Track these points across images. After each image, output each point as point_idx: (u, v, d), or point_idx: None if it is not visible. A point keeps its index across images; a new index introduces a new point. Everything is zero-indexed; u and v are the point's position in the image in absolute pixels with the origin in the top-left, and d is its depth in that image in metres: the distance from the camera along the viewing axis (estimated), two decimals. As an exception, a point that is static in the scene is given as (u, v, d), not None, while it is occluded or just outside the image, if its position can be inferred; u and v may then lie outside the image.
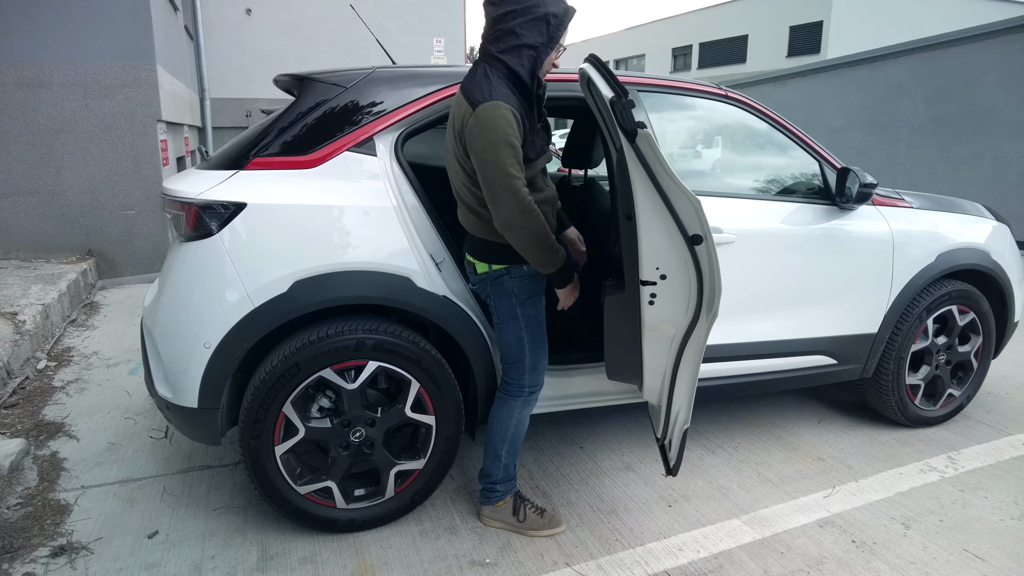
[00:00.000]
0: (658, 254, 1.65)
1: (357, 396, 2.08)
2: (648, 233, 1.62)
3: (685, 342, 1.72)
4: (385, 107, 2.16)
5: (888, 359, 2.86)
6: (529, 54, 1.80)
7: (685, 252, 1.62)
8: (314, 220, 1.99)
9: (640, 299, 1.72)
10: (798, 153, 2.72)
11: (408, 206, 2.11)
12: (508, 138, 1.72)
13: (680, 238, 1.60)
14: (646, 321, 1.73)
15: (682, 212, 1.58)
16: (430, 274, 2.09)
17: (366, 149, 2.11)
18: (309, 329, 2.04)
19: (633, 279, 1.73)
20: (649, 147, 1.55)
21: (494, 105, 1.72)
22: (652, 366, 1.81)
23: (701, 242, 1.58)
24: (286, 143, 2.07)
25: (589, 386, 2.44)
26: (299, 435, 2.05)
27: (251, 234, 1.95)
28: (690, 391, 1.77)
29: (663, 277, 1.67)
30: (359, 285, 2.01)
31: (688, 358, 1.74)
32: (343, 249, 2.00)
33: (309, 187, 2.02)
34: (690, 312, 1.68)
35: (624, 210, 1.68)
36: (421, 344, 2.11)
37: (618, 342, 1.88)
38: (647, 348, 1.78)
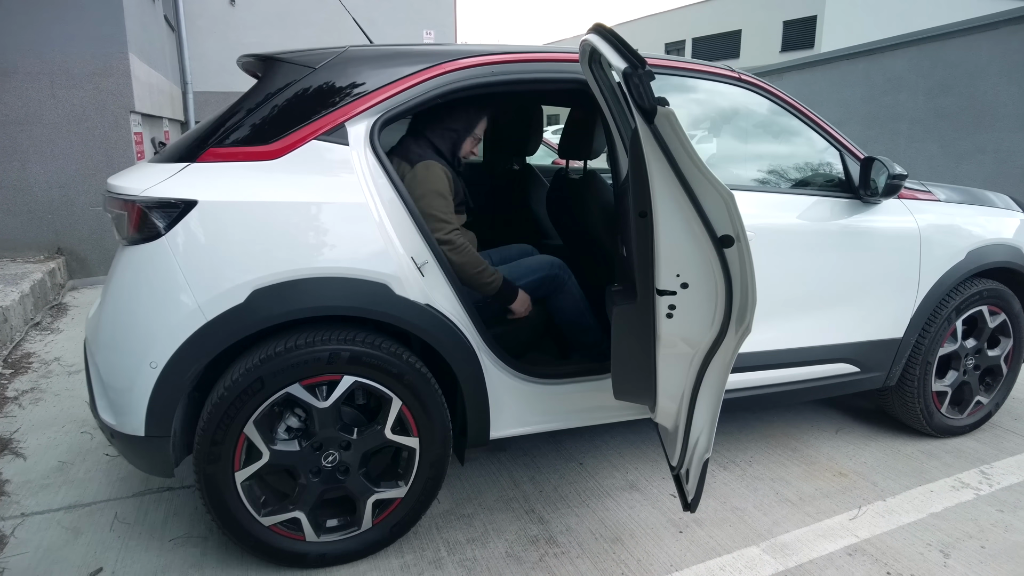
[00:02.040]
0: (679, 258, 1.40)
1: (330, 415, 1.83)
2: (667, 233, 1.38)
3: (708, 360, 1.48)
4: (359, 90, 1.91)
5: (914, 365, 2.63)
6: (451, 137, 2.26)
7: (712, 256, 1.38)
8: (275, 219, 1.73)
9: (655, 311, 1.48)
10: (817, 141, 2.48)
11: (384, 201, 1.86)
12: (442, 191, 2.08)
13: (706, 239, 1.36)
14: (662, 336, 1.49)
15: (710, 207, 1.34)
16: (410, 279, 1.85)
17: (336, 137, 1.85)
18: (275, 339, 1.79)
19: (647, 287, 1.49)
20: (671, 128, 1.30)
21: (431, 164, 2.10)
22: (667, 387, 1.57)
23: (732, 244, 1.34)
24: (245, 132, 1.82)
25: (592, 400, 2.20)
26: (263, 460, 1.80)
27: (203, 236, 1.69)
28: (712, 416, 1.53)
29: (684, 286, 1.43)
30: (328, 294, 1.75)
31: (711, 379, 1.50)
32: (309, 252, 1.75)
33: (270, 181, 1.77)
34: (715, 326, 1.44)
35: (637, 205, 1.44)
36: (404, 356, 1.86)
37: (627, 359, 1.63)
38: (662, 367, 1.54)
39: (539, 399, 2.13)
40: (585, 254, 2.65)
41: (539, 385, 2.12)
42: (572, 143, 2.55)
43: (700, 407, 1.53)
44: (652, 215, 1.38)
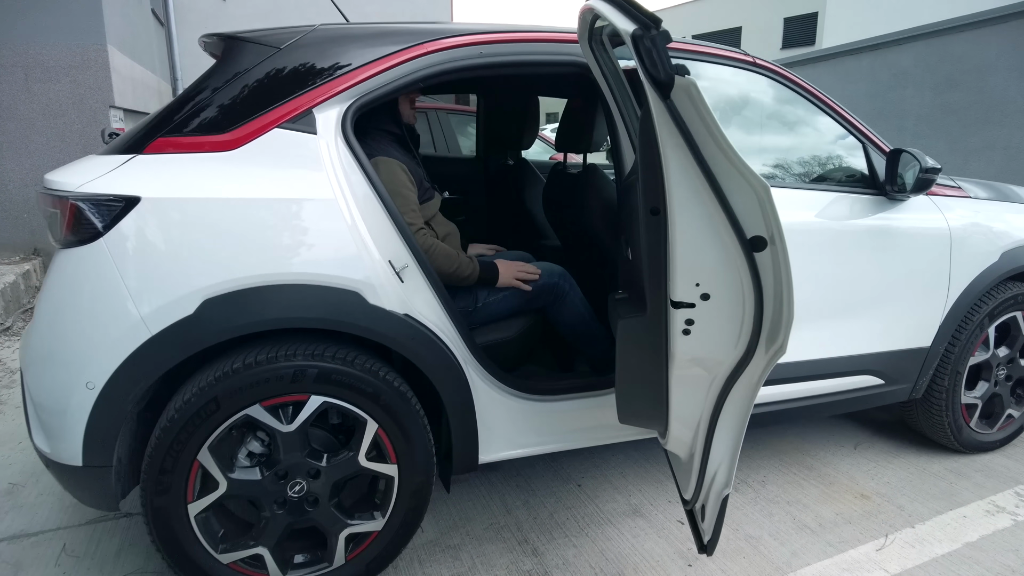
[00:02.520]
0: (699, 265, 1.18)
1: (295, 440, 1.62)
2: (685, 234, 1.16)
3: (730, 384, 1.27)
4: (330, 72, 1.69)
5: (942, 375, 2.42)
6: (384, 109, 1.98)
7: (740, 261, 1.16)
8: (230, 218, 1.52)
9: (668, 326, 1.26)
10: (838, 133, 2.27)
11: (358, 198, 1.64)
12: (398, 189, 1.87)
13: (733, 241, 1.14)
14: (676, 356, 1.27)
15: (739, 203, 1.12)
16: (386, 286, 1.63)
17: (302, 125, 1.64)
18: (232, 355, 1.58)
19: (659, 298, 1.27)
20: (691, 104, 1.09)
21: (382, 161, 1.88)
22: (682, 413, 1.36)
23: (765, 247, 1.13)
24: (199, 120, 1.60)
25: (593, 418, 1.98)
26: (220, 490, 1.59)
27: (146, 238, 1.48)
28: (734, 448, 1.32)
29: (705, 297, 1.21)
30: (290, 304, 1.54)
31: (734, 405, 1.29)
32: (269, 256, 1.53)
33: (225, 175, 1.55)
34: (741, 345, 1.23)
35: (648, 201, 1.22)
36: (380, 373, 1.65)
37: (634, 379, 1.42)
38: (675, 390, 1.33)
39: (534, 418, 1.92)
40: (584, 256, 2.43)
41: (534, 402, 1.91)
42: (570, 134, 2.33)
43: (720, 437, 1.32)
44: (666, 212, 1.16)
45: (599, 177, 2.17)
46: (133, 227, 1.47)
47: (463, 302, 2.02)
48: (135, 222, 1.47)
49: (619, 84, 1.73)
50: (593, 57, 1.72)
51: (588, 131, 2.18)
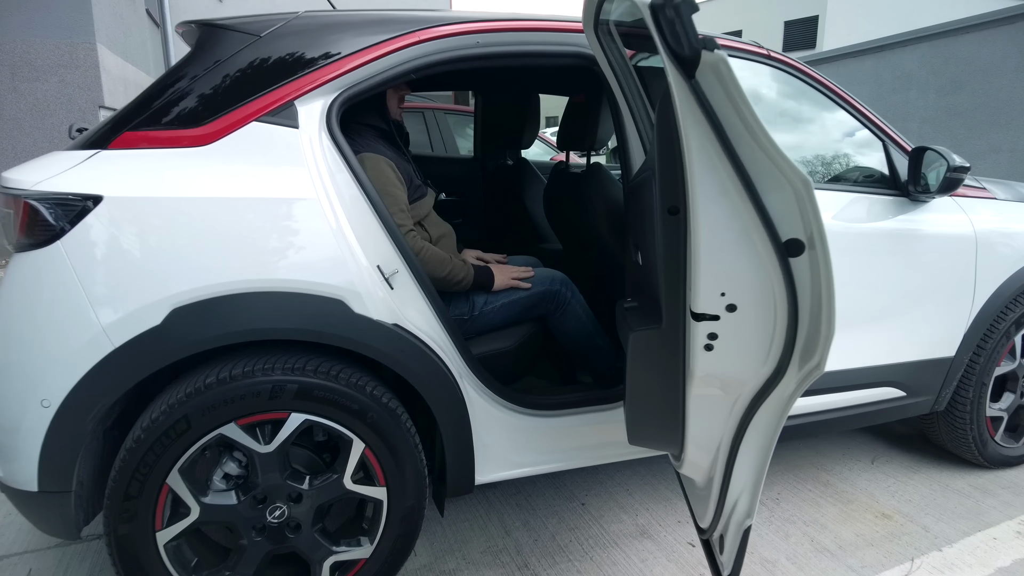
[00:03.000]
0: (725, 271, 1.05)
1: (275, 461, 1.48)
2: (710, 237, 1.02)
3: (756, 404, 1.13)
4: (314, 62, 1.57)
5: (966, 387, 2.29)
6: (371, 103, 1.84)
7: (773, 268, 1.02)
8: (202, 219, 1.38)
9: (688, 341, 1.12)
10: (857, 130, 2.14)
11: (343, 197, 1.51)
12: (385, 187, 1.73)
13: (766, 245, 1.01)
14: (696, 374, 1.14)
15: (774, 200, 0.99)
16: (374, 294, 1.50)
17: (283, 118, 1.51)
18: (204, 369, 1.45)
19: (677, 309, 1.14)
20: (720, 85, 0.95)
21: (368, 157, 1.75)
22: (699, 436, 1.22)
23: (802, 252, 0.99)
24: (171, 112, 1.47)
25: (599, 435, 1.85)
26: (192, 516, 1.46)
27: (108, 240, 1.34)
28: (758, 475, 1.19)
29: (731, 308, 1.08)
30: (267, 314, 1.40)
31: (759, 429, 1.15)
32: (244, 261, 1.40)
33: (197, 172, 1.42)
34: (770, 362, 1.09)
35: (667, 199, 1.09)
36: (368, 388, 1.51)
37: (646, 398, 1.28)
38: (694, 411, 1.19)
39: (534, 435, 1.78)
40: (587, 261, 2.30)
41: (534, 418, 1.78)
42: (573, 131, 2.19)
43: (742, 463, 1.18)
44: (687, 212, 1.03)
45: (604, 176, 2.04)
46: (94, 229, 1.34)
47: (458, 310, 1.89)
48: (96, 223, 1.34)
49: (627, 76, 1.60)
50: (599, 46, 1.59)
51: (592, 128, 2.05)
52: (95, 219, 1.34)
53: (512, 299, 1.94)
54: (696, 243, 1.02)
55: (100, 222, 1.34)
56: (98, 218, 1.34)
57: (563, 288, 1.99)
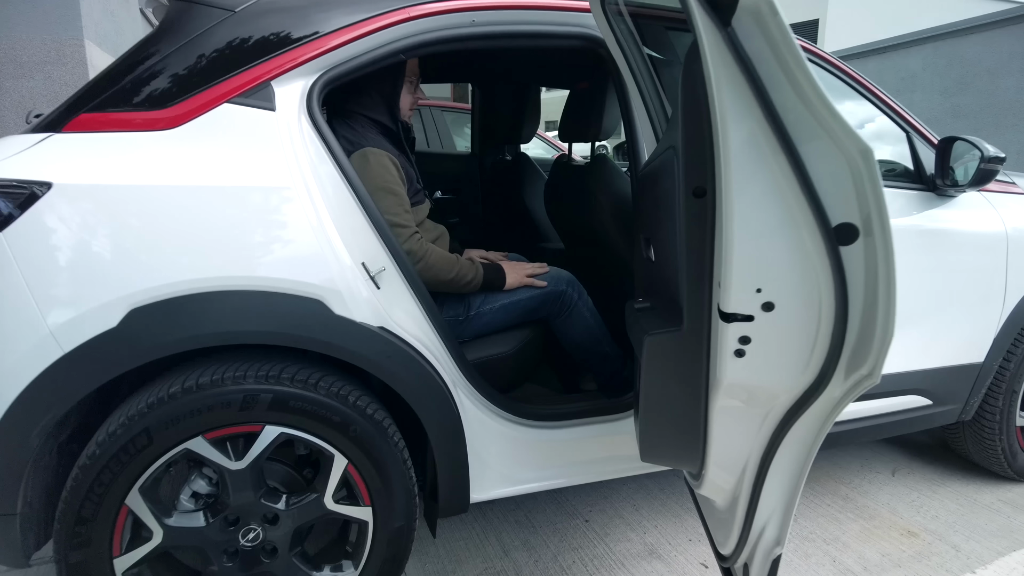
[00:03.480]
0: (763, 263, 0.90)
1: (248, 479, 1.34)
2: (746, 222, 0.87)
3: (792, 418, 0.99)
4: (293, 39, 1.43)
5: (996, 395, 2.15)
6: (381, 95, 1.71)
7: (820, 259, 0.88)
8: (164, 210, 1.24)
9: (715, 345, 0.98)
10: (878, 120, 2.00)
11: (324, 187, 1.37)
12: (389, 186, 1.60)
13: (812, 231, 0.86)
14: (723, 383, 0.99)
15: (824, 176, 0.84)
16: (357, 294, 1.35)
17: (258, 100, 1.37)
18: (168, 377, 1.31)
19: (701, 309, 0.99)
20: (762, 33, 0.81)
21: (372, 152, 1.61)
22: (723, 454, 1.07)
23: (856, 238, 0.85)
24: (133, 93, 1.33)
25: (605, 448, 1.70)
26: (154, 541, 1.32)
27: (57, 232, 1.20)
28: (790, 497, 1.04)
29: (767, 307, 0.93)
30: (236, 315, 1.26)
31: (793, 445, 1.01)
32: (211, 256, 1.25)
33: (160, 157, 1.28)
34: (812, 370, 0.95)
35: (691, 179, 0.94)
36: (351, 398, 1.37)
37: (663, 411, 1.13)
38: (718, 426, 1.05)
39: (535, 448, 1.64)
40: (591, 259, 2.15)
41: (535, 429, 1.64)
42: (577, 120, 2.05)
43: (772, 484, 1.04)
44: (716, 193, 0.88)
45: (610, 168, 1.90)
46: (41, 219, 1.19)
47: (452, 311, 1.75)
48: (44, 213, 1.20)
49: (637, 56, 1.46)
50: (607, 22, 1.45)
51: (597, 116, 1.91)
52: (42, 208, 1.20)
53: (513, 300, 1.79)
54: (727, 230, 0.87)
55: (48, 211, 1.20)
56: (46, 207, 1.20)
57: (570, 289, 1.85)
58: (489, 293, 1.78)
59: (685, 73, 0.95)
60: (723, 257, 0.89)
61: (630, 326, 1.28)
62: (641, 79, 1.53)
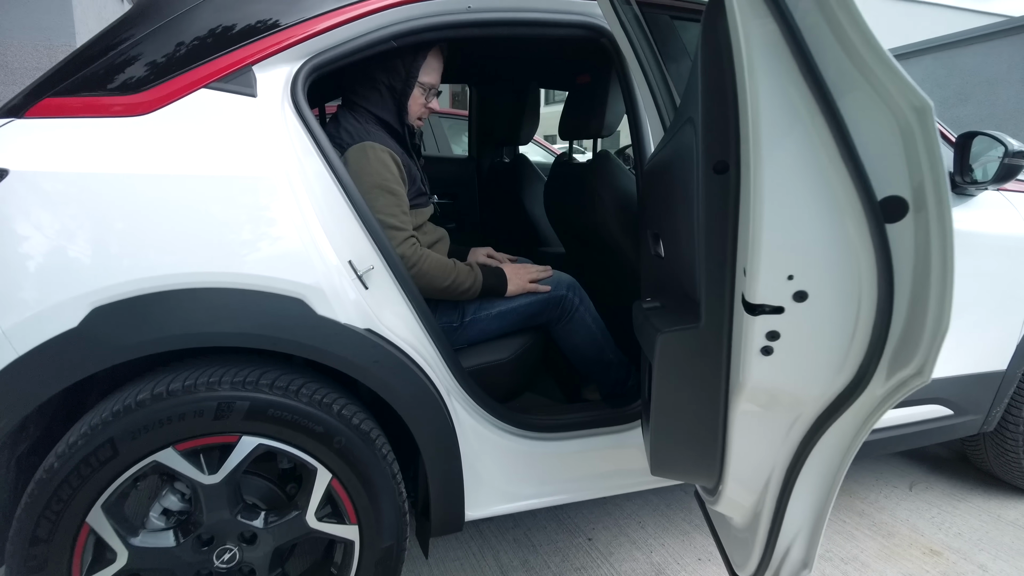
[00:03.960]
0: (795, 246, 0.79)
1: (222, 494, 1.23)
2: (776, 196, 0.77)
3: (823, 425, 0.88)
4: (278, 22, 1.34)
5: (1019, 405, 2.04)
6: (391, 95, 1.62)
7: (863, 238, 0.77)
8: (131, 200, 1.14)
9: (737, 342, 0.87)
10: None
11: (308, 179, 1.28)
12: (387, 184, 1.50)
13: (855, 204, 0.75)
14: (747, 386, 0.88)
15: (869, 140, 0.73)
16: (342, 293, 1.25)
17: (238, 85, 1.27)
18: (138, 382, 1.20)
19: (722, 301, 0.89)
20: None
21: (371, 146, 1.52)
22: (744, 467, 0.97)
23: (905, 214, 0.75)
24: (103, 77, 1.24)
25: (611, 461, 1.60)
26: (119, 563, 1.20)
27: (13, 223, 1.10)
28: (819, 514, 0.94)
29: (800, 297, 0.82)
30: (208, 315, 1.16)
31: (824, 456, 0.90)
32: (181, 250, 1.15)
33: (129, 144, 1.18)
34: (848, 368, 0.84)
35: (712, 152, 0.84)
36: (336, 407, 1.26)
37: (677, 419, 1.02)
38: (739, 434, 0.94)
39: (535, 462, 1.53)
40: (593, 261, 2.06)
41: (535, 441, 1.53)
42: (578, 116, 1.96)
43: (799, 500, 0.93)
44: (742, 165, 0.78)
45: (613, 165, 1.80)
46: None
47: (446, 317, 1.64)
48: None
49: (643, 41, 1.38)
50: (611, 6, 1.36)
51: (600, 110, 1.82)
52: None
53: (511, 306, 1.69)
54: (755, 208, 0.77)
55: (3, 200, 1.10)
56: (1, 195, 1.10)
57: (570, 293, 1.75)
58: (486, 299, 1.68)
59: (705, 29, 0.85)
60: (750, 240, 0.79)
61: (639, 327, 1.17)
62: (648, 67, 1.44)
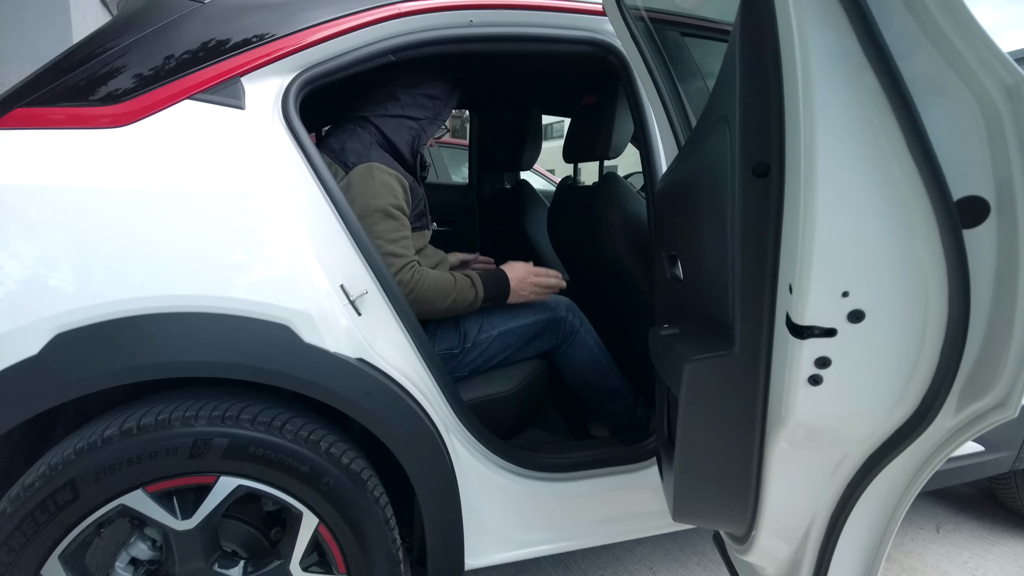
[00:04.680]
0: (851, 257, 0.69)
1: (198, 541, 1.11)
2: (831, 199, 0.66)
3: (875, 465, 0.77)
4: (267, 34, 1.27)
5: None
6: (410, 127, 1.58)
7: (933, 247, 0.67)
8: (102, 216, 1.05)
9: (780, 370, 0.77)
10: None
11: (300, 196, 1.19)
12: (389, 208, 1.43)
13: (925, 207, 0.65)
14: (790, 420, 0.77)
15: (945, 128, 0.63)
16: (332, 320, 1.15)
17: (224, 97, 1.19)
18: (107, 416, 1.09)
19: (759, 324, 0.78)
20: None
21: (377, 168, 1.45)
22: (780, 516, 0.85)
23: (985, 217, 0.65)
24: (81, 87, 1.16)
25: (623, 504, 1.48)
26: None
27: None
28: (868, 569, 0.82)
29: (856, 317, 0.71)
30: (184, 343, 1.06)
31: (876, 502, 0.79)
32: (156, 272, 1.06)
33: (104, 157, 1.10)
34: (910, 400, 0.74)
35: (751, 153, 0.74)
36: (324, 445, 1.15)
37: (706, 456, 0.90)
38: (776, 476, 0.83)
39: (542, 505, 1.41)
40: (600, 289, 1.96)
41: (541, 482, 1.42)
42: (585, 139, 1.89)
43: (846, 552, 0.81)
44: (787, 165, 0.68)
45: (621, 187, 1.72)
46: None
47: (446, 343, 1.54)
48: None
49: (654, 52, 1.31)
50: (620, 16, 1.30)
51: (606, 131, 1.74)
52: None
53: (510, 327, 1.59)
54: (805, 214, 0.66)
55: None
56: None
57: (570, 315, 1.65)
58: (486, 319, 1.58)
59: (744, 8, 0.76)
60: (798, 252, 0.68)
61: (659, 356, 1.07)
62: (662, 84, 1.37)
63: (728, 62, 0.80)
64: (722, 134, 0.82)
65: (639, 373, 1.73)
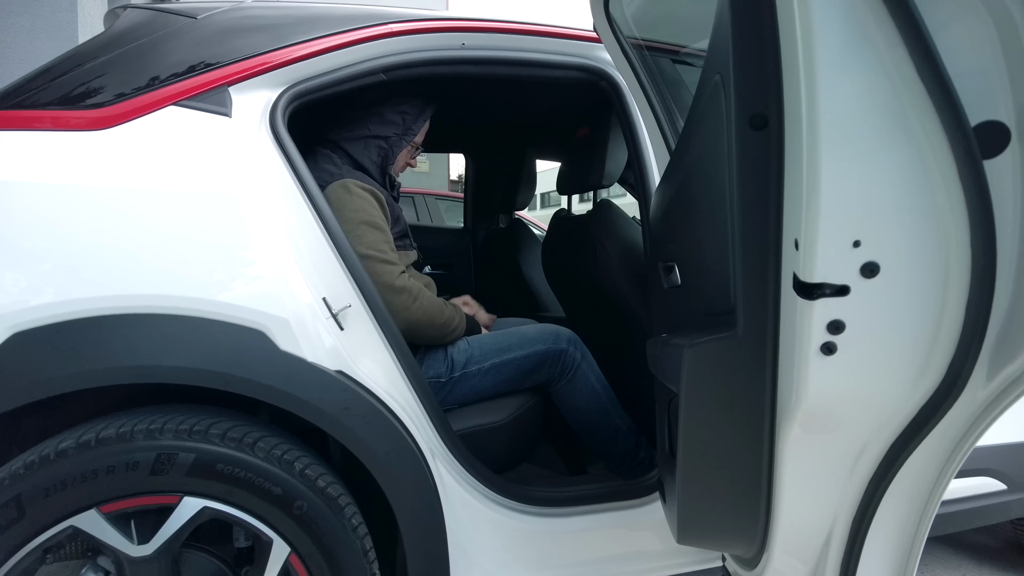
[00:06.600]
0: (861, 201, 0.63)
1: (155, 570, 1.01)
2: (836, 137, 0.60)
3: (899, 456, 0.69)
4: (256, 47, 1.27)
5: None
6: (379, 145, 1.55)
7: (950, 182, 0.60)
8: (67, 213, 1.01)
9: (786, 346, 0.69)
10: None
11: (282, 202, 1.15)
12: (373, 220, 1.40)
13: (939, 137, 0.59)
14: (803, 401, 0.68)
15: (958, 48, 0.58)
16: (310, 327, 1.09)
17: (211, 104, 1.18)
18: (67, 431, 1.02)
19: (764, 297, 0.71)
20: None
21: (355, 184, 1.42)
22: (797, 525, 0.75)
23: (1006, 145, 0.59)
24: (68, 91, 1.15)
25: (621, 542, 1.37)
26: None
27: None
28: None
29: (870, 271, 0.65)
30: (150, 345, 0.99)
31: (902, 502, 0.70)
32: (123, 270, 1.01)
33: (82, 157, 1.07)
34: (935, 368, 0.65)
35: (746, 104, 0.69)
36: (298, 465, 1.07)
37: (710, 457, 0.81)
38: (789, 474, 0.74)
39: (535, 541, 1.31)
40: (597, 322, 1.90)
41: (535, 518, 1.32)
42: (578, 169, 1.87)
43: (871, 561, 0.72)
44: (787, 114, 0.62)
45: (615, 212, 1.69)
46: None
47: (433, 370, 1.47)
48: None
49: (647, 69, 1.30)
50: (612, 33, 1.30)
51: (600, 159, 1.73)
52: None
53: (504, 359, 1.52)
54: (808, 159, 0.61)
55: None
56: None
57: (571, 348, 1.58)
58: (477, 348, 1.52)
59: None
60: (803, 202, 0.63)
61: (656, 359, 1.00)
62: (658, 108, 1.36)
63: (719, 20, 0.77)
64: (716, 101, 0.77)
65: (641, 411, 1.65)
